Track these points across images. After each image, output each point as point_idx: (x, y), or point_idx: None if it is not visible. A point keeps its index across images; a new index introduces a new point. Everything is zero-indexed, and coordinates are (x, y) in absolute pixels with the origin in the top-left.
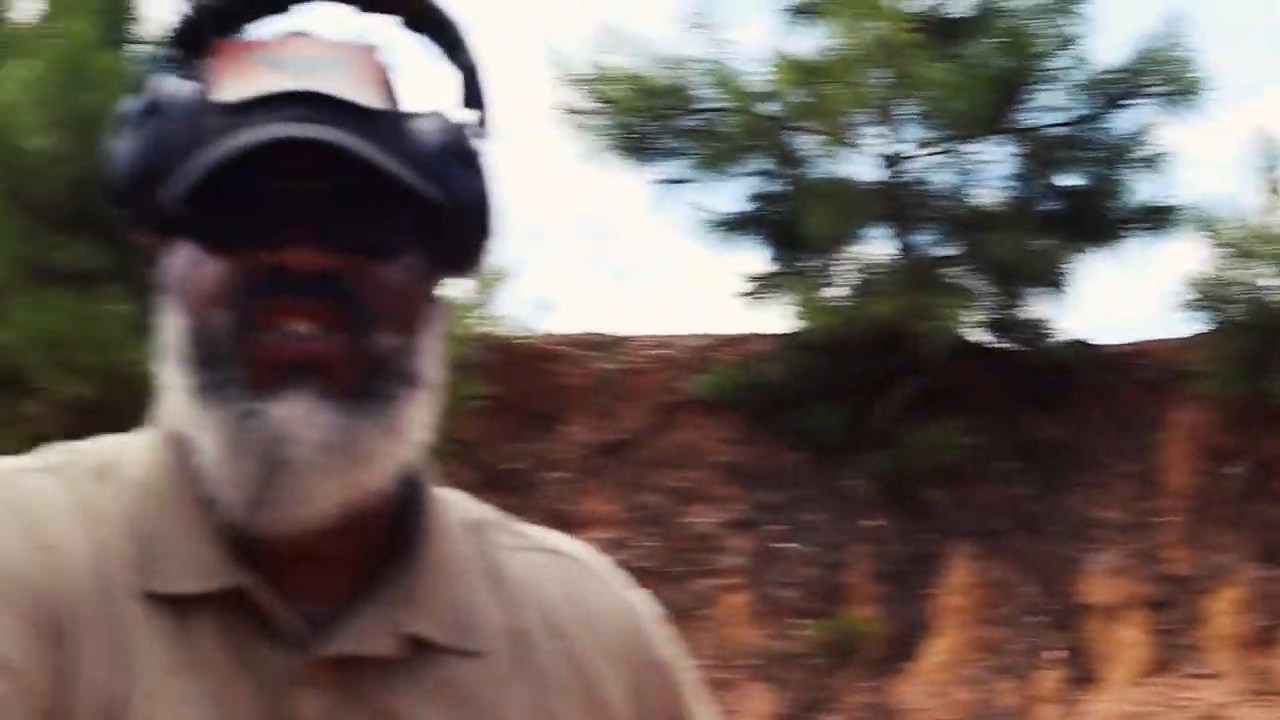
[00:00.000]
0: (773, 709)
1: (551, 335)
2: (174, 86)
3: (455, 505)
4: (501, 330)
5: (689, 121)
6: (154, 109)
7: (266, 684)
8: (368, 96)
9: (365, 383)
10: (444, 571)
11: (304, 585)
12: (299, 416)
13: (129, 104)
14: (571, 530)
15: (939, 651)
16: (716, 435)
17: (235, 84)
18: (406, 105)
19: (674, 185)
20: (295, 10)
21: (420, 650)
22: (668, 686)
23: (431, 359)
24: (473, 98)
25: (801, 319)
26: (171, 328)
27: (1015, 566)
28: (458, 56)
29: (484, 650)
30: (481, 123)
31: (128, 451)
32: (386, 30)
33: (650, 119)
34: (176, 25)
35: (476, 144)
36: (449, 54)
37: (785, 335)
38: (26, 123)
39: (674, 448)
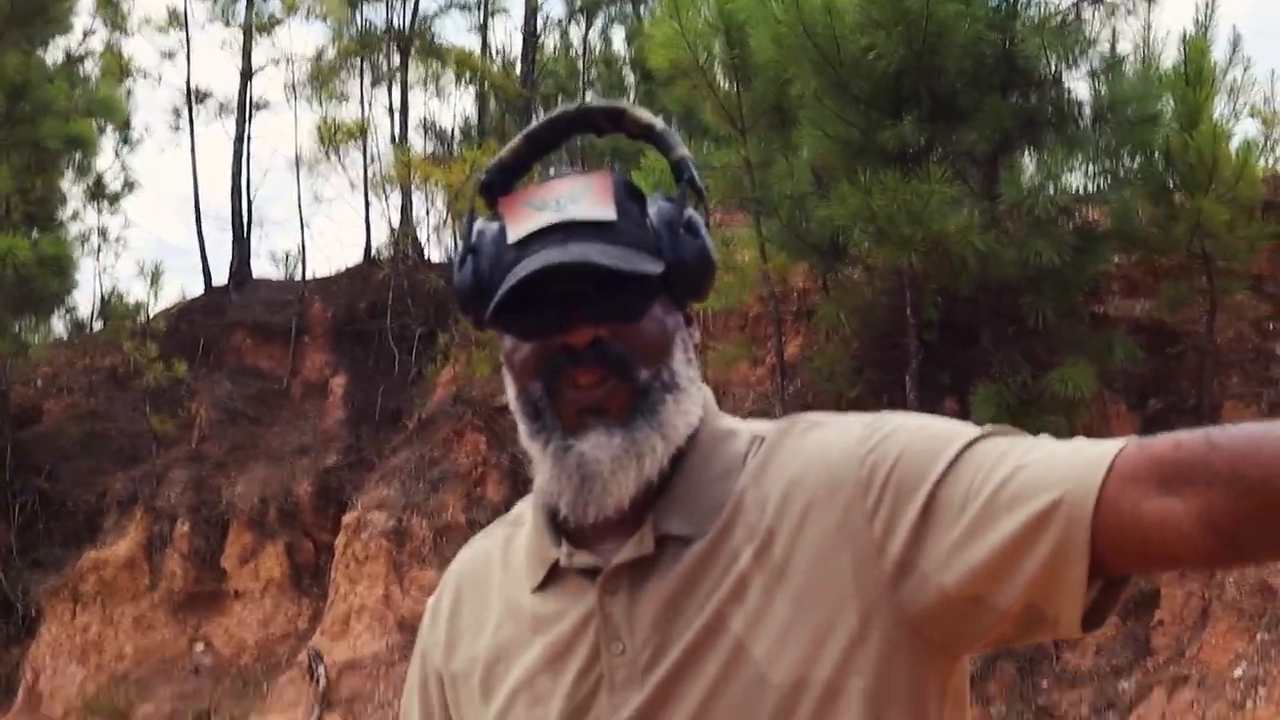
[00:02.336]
0: None
1: None
2: (482, 232)
3: (745, 431)
4: None
5: None
6: (473, 250)
7: (587, 605)
8: (605, 212)
9: (636, 406)
10: (695, 484)
11: (614, 535)
12: (595, 445)
13: (462, 248)
14: None
15: None
16: None
17: (517, 225)
18: (639, 200)
19: None
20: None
21: (675, 544)
22: (881, 466)
23: (683, 367)
24: (685, 178)
25: None
26: (510, 392)
27: None
28: (669, 153)
29: (716, 529)
30: (695, 195)
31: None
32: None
33: None
34: (478, 184)
35: (691, 213)
36: (663, 151)
37: None
38: (847, 23)
39: None
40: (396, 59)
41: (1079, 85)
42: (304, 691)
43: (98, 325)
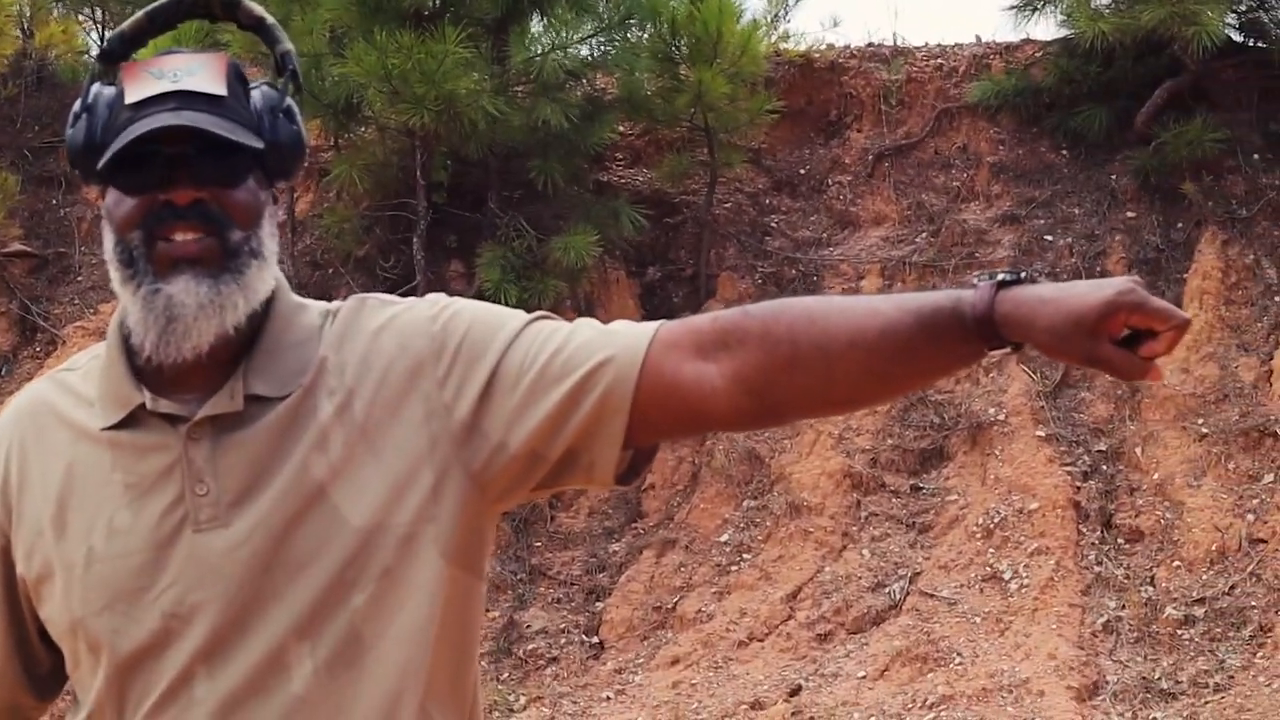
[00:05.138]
0: (1033, 387)
1: (837, 48)
2: (99, 92)
3: (314, 306)
4: (793, 46)
5: None
6: (89, 108)
7: (172, 450)
8: (216, 87)
9: (224, 263)
10: (277, 349)
11: (195, 388)
12: (183, 290)
13: (76, 105)
14: (852, 228)
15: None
16: (988, 138)
17: (135, 89)
18: (245, 85)
19: None
20: (176, 27)
21: (260, 402)
22: (450, 340)
23: (269, 239)
24: (289, 70)
25: (1071, 28)
26: (108, 242)
27: (1263, 251)
28: (276, 45)
29: (300, 389)
30: (292, 84)
31: (102, 344)
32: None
33: None
34: (100, 50)
35: (290, 101)
36: (269, 43)
37: (1055, 43)
38: None
39: (949, 150)
40: None
41: None
42: None
43: None
